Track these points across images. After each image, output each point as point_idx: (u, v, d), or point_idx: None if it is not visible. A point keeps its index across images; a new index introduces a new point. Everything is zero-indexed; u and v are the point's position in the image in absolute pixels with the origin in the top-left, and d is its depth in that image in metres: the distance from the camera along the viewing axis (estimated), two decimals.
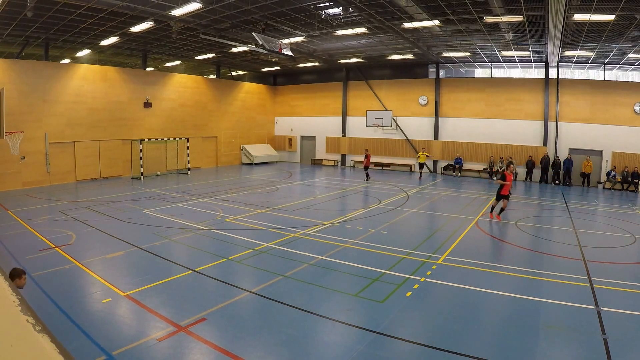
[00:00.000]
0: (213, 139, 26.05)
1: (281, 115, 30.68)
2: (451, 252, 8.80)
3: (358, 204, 14.56)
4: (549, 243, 10.02)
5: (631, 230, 11.19)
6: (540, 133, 21.30)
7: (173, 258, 8.20)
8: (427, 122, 24.41)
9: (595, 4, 11.77)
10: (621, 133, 19.47)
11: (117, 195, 15.27)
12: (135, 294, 6.31)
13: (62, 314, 5.63)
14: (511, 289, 6.82)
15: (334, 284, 7.04)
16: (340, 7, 13.48)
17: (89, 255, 8.18)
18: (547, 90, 20.97)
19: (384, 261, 8.10)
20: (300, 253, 8.54)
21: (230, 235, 9.91)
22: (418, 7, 13.49)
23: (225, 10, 14.00)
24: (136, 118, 21.37)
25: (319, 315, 5.80)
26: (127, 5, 13.27)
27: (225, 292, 6.59)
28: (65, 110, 18.33)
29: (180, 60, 24.66)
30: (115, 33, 16.89)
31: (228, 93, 27.18)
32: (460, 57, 21.46)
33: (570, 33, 14.91)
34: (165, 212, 12.43)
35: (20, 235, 9.78)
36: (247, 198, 14.97)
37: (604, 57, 18.89)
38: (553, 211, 14.55)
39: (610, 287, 6.92)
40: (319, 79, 28.78)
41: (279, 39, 16.43)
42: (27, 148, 16.45)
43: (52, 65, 18.33)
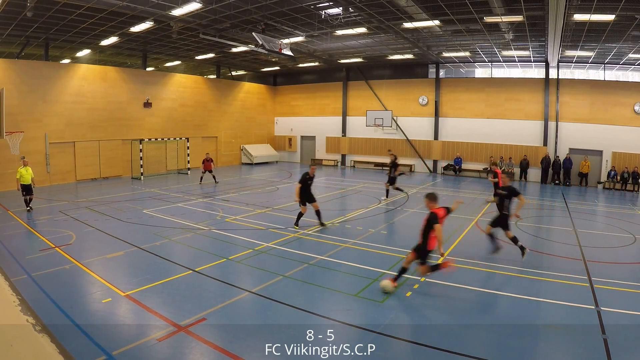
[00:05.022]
0: (213, 139, 26.04)
1: (281, 115, 30.67)
2: (451, 252, 8.80)
3: (358, 204, 14.54)
4: (549, 243, 10.02)
5: (631, 230, 11.18)
6: (540, 133, 21.30)
7: (173, 258, 8.20)
8: (427, 122, 24.41)
9: (595, 4, 11.77)
10: (621, 133, 19.46)
11: (117, 195, 15.27)
12: (135, 294, 6.31)
13: (62, 314, 5.62)
14: (511, 289, 6.82)
15: (334, 284, 7.04)
16: (340, 7, 13.48)
17: (89, 255, 8.18)
18: (547, 90, 20.97)
19: (384, 261, 8.09)
20: (300, 253, 8.53)
21: (230, 235, 9.91)
22: (418, 7, 13.49)
23: (225, 10, 14.00)
24: (136, 118, 21.37)
25: (319, 315, 5.80)
26: (127, 5, 13.26)
27: (225, 292, 6.58)
28: (65, 110, 18.33)
29: (180, 60, 24.65)
30: (115, 33, 16.88)
31: (228, 93, 27.17)
32: (460, 57, 21.46)
33: (570, 33, 14.91)
34: (165, 212, 12.42)
35: (20, 235, 9.78)
36: (247, 198, 14.97)
37: (604, 57, 18.89)
38: (553, 211, 14.55)
39: (610, 287, 6.92)
40: (319, 79, 28.77)
41: (279, 39, 16.43)
42: (27, 148, 16.43)
43: (52, 65, 18.33)
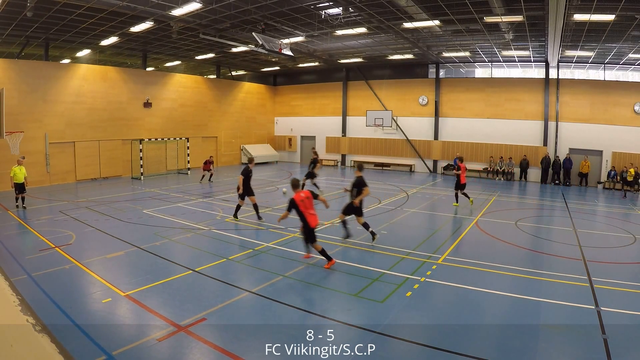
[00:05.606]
0: (213, 139, 26.05)
1: (281, 115, 30.67)
2: (451, 252, 8.80)
3: None
4: (549, 243, 10.02)
5: (631, 230, 11.19)
6: (540, 133, 21.30)
7: (173, 258, 8.20)
8: (427, 122, 24.41)
9: (595, 4, 11.76)
10: (621, 133, 19.47)
11: (117, 195, 15.27)
12: (135, 294, 6.31)
13: (62, 314, 5.62)
14: (511, 289, 6.81)
15: (334, 284, 7.04)
16: (340, 7, 13.47)
17: (89, 255, 8.18)
18: (547, 90, 20.97)
19: (384, 261, 8.09)
20: (300, 253, 8.52)
21: (230, 235, 9.91)
22: (418, 7, 13.49)
23: (225, 10, 14.00)
24: (136, 118, 21.36)
25: (319, 315, 5.80)
26: (127, 5, 13.26)
27: (225, 292, 6.58)
28: (65, 110, 18.33)
29: (180, 60, 24.65)
30: (115, 33, 16.88)
31: (228, 93, 27.17)
32: (460, 57, 21.45)
33: (570, 33, 14.91)
34: (165, 212, 12.42)
35: (20, 235, 9.78)
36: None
37: (604, 57, 18.88)
38: (553, 211, 14.56)
39: (610, 287, 6.92)
40: (319, 79, 28.77)
41: (279, 39, 16.43)
42: (27, 148, 16.44)
43: (52, 65, 18.33)
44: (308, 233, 7.48)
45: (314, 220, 7.44)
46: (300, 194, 7.45)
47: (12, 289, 1.15)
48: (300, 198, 7.36)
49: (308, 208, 7.39)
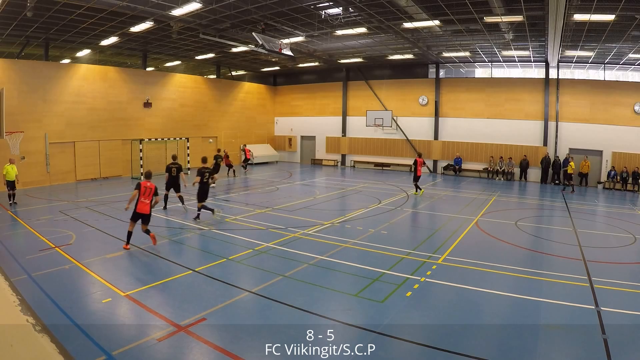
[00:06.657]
0: (213, 139, 26.03)
1: (281, 115, 30.67)
2: (451, 252, 8.79)
3: (358, 204, 14.55)
4: (549, 243, 10.02)
5: (631, 230, 11.19)
6: (540, 133, 21.30)
7: (173, 258, 8.20)
8: (427, 122, 24.41)
9: (595, 4, 11.76)
10: (621, 133, 19.46)
11: (117, 195, 15.25)
12: (135, 294, 6.31)
13: (62, 314, 5.62)
14: (511, 289, 6.81)
15: (334, 284, 7.04)
16: (340, 7, 13.47)
17: (89, 255, 8.18)
18: (547, 90, 20.97)
19: (384, 261, 8.09)
20: (300, 253, 8.53)
21: (230, 235, 9.91)
22: (418, 7, 13.49)
23: (225, 10, 14.00)
24: (136, 118, 21.36)
25: (319, 315, 5.80)
26: (127, 5, 13.26)
27: (225, 292, 6.58)
28: (65, 110, 18.32)
29: (180, 60, 24.65)
30: (115, 33, 16.88)
31: (228, 93, 27.17)
32: (460, 57, 21.45)
33: (570, 33, 14.91)
34: (165, 211, 12.41)
35: (20, 235, 9.78)
36: (247, 198, 14.97)
37: (604, 57, 18.89)
38: (553, 211, 14.55)
39: (610, 287, 6.92)
40: (319, 79, 28.77)
41: (279, 39, 16.42)
42: (27, 148, 16.43)
43: (52, 65, 18.32)
44: (135, 216, 8.55)
45: (144, 207, 8.53)
46: (147, 183, 8.60)
47: (12, 289, 1.15)
48: (145, 185, 8.54)
49: (146, 197, 8.52)
